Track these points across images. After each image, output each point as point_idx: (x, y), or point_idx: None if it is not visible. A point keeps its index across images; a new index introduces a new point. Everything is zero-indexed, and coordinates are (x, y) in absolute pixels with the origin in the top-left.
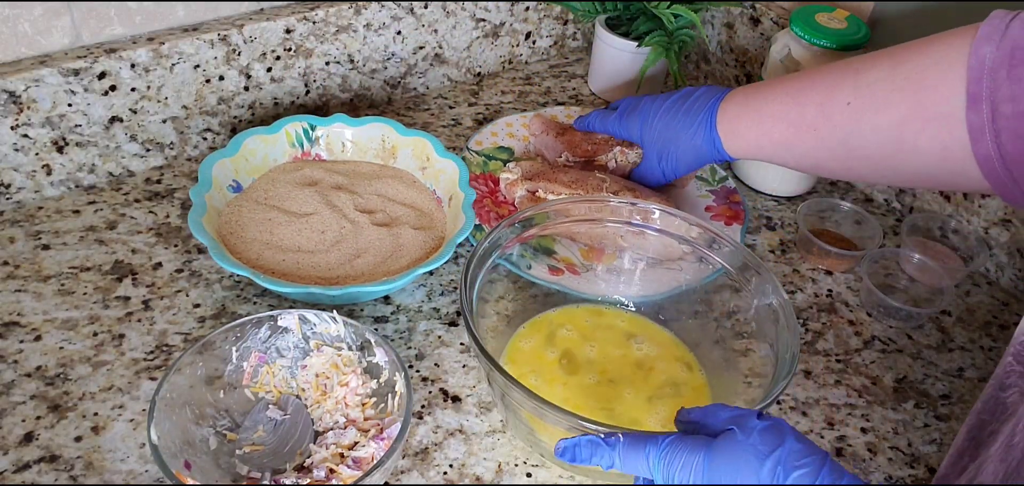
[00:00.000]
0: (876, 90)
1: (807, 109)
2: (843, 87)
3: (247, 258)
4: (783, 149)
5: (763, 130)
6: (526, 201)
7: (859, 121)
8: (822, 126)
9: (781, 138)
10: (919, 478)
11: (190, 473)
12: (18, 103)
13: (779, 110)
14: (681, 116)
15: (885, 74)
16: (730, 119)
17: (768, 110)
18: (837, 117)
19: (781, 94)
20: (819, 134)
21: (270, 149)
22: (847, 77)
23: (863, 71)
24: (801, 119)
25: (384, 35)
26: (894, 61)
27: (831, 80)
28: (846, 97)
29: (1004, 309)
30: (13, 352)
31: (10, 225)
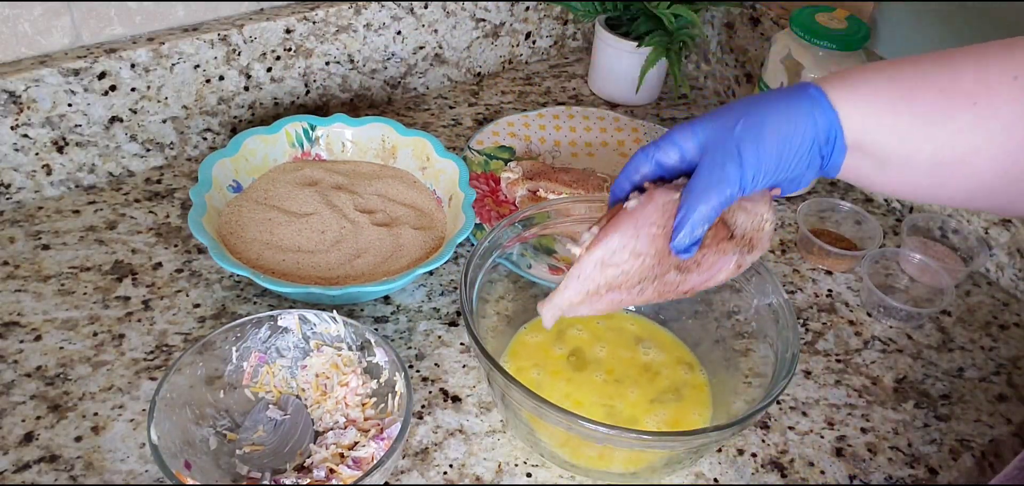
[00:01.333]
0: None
1: (962, 74)
2: (1000, 58)
3: (247, 258)
4: (926, 122)
5: (899, 93)
6: (527, 200)
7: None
8: (983, 98)
9: (925, 106)
10: (919, 478)
11: (190, 473)
12: (18, 103)
13: (919, 74)
14: (763, 96)
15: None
16: (845, 86)
17: (904, 75)
18: (1003, 89)
19: (914, 63)
20: (979, 108)
21: (270, 149)
22: (1000, 51)
23: (1018, 48)
24: (954, 84)
25: (384, 35)
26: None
27: (981, 53)
28: (1010, 69)
29: (1004, 309)
30: (13, 352)
31: (10, 225)
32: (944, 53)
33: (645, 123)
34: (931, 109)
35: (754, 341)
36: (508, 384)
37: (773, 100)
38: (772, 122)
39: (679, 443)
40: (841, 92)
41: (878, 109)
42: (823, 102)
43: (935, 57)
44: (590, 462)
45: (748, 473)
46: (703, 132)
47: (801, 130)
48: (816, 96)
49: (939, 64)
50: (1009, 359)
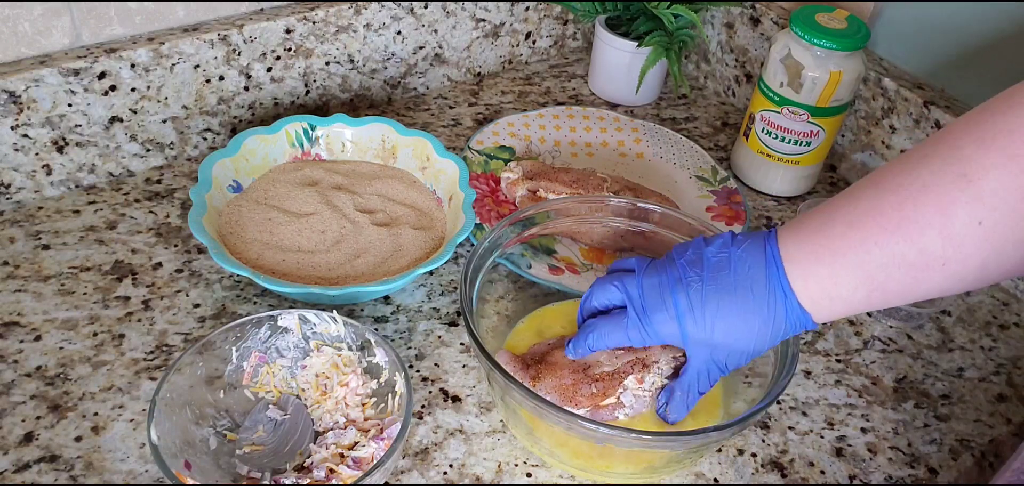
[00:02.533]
0: (1008, 200)
1: (928, 243)
2: (961, 203)
3: (247, 258)
4: (899, 298)
5: (873, 287)
6: (527, 200)
7: (1002, 242)
8: (952, 259)
9: (898, 289)
10: (919, 478)
11: (190, 473)
12: (18, 103)
13: (887, 257)
14: (740, 293)
15: (1012, 179)
16: (812, 275)
17: (873, 262)
18: (970, 242)
19: (878, 237)
20: (948, 268)
21: (270, 149)
22: (961, 190)
23: (977, 179)
24: (922, 257)
25: (384, 35)
26: (1009, 155)
27: (940, 201)
28: (974, 214)
29: (1004, 309)
30: (13, 352)
31: (10, 225)
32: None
33: (645, 123)
34: (903, 289)
35: None
36: (508, 384)
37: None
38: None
39: (679, 443)
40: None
41: (852, 306)
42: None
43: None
44: (590, 462)
45: (748, 473)
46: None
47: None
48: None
49: (905, 232)
50: (1009, 359)
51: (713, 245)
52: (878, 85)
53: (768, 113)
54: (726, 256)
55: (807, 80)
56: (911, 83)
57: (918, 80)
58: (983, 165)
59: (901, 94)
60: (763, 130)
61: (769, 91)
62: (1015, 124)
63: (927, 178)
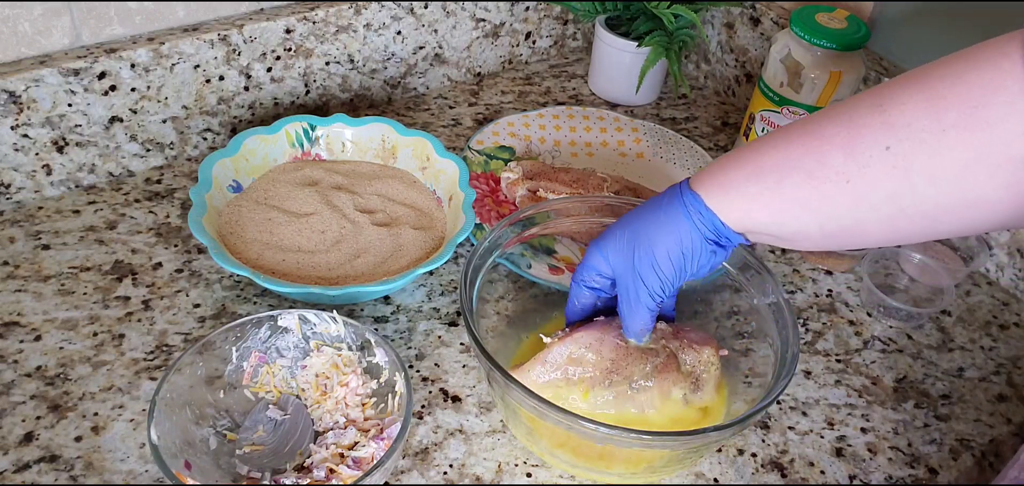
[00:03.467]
0: (920, 131)
1: (829, 155)
2: (871, 128)
3: (247, 258)
4: (801, 208)
5: (766, 185)
6: (527, 200)
7: (908, 169)
8: (855, 175)
9: (796, 194)
10: (919, 478)
11: (190, 473)
12: (18, 103)
13: (784, 161)
14: (646, 207)
15: (926, 112)
16: (712, 184)
17: (770, 162)
18: (876, 163)
19: (778, 145)
20: (853, 186)
21: (270, 149)
22: (872, 116)
23: (891, 109)
24: (822, 168)
25: (384, 35)
26: (930, 96)
27: (847, 123)
28: (881, 140)
29: (1004, 309)
30: (13, 352)
31: (10, 225)
32: (815, 124)
33: (645, 123)
34: (801, 193)
35: (754, 341)
36: (508, 384)
37: (658, 220)
38: (661, 244)
39: (679, 443)
40: (714, 194)
41: (750, 205)
42: (701, 207)
43: (805, 132)
44: (590, 462)
45: (748, 473)
46: (612, 258)
47: (689, 240)
48: (693, 203)
49: (807, 142)
50: (1009, 359)
51: None
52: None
53: (768, 113)
54: (648, 201)
55: (807, 80)
56: None
57: None
58: (899, 99)
59: None
60: (763, 130)
61: (769, 91)
62: (944, 71)
63: (842, 108)
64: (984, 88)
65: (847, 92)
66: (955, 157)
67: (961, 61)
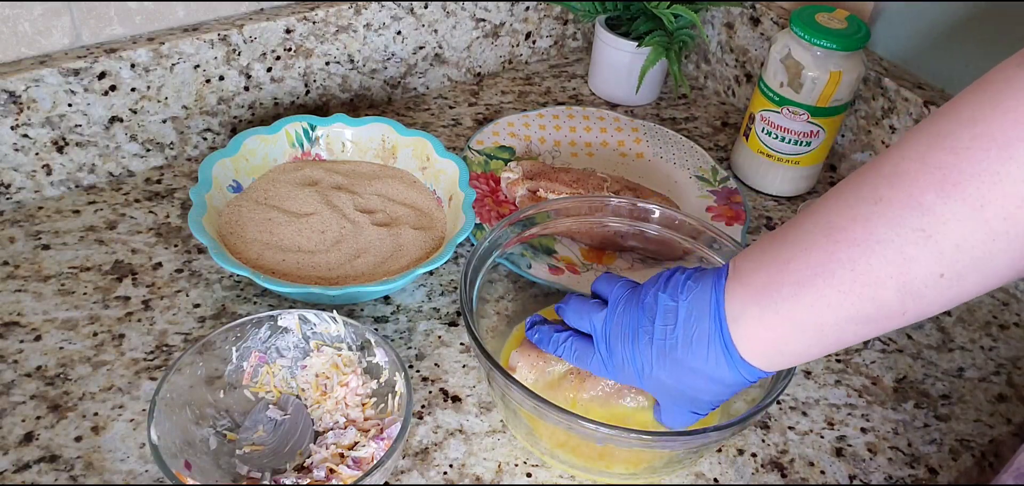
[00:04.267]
0: (972, 251)
1: (885, 299)
2: (921, 261)
3: (247, 258)
4: (856, 341)
5: (825, 346)
6: (527, 200)
7: (963, 283)
8: (911, 307)
9: (855, 338)
10: (919, 478)
11: (190, 473)
12: (18, 103)
13: (839, 313)
14: (683, 351)
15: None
16: (760, 344)
17: (820, 317)
18: (931, 292)
19: (825, 288)
20: (908, 316)
21: (270, 149)
22: (920, 244)
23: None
24: (880, 312)
25: (384, 35)
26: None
27: (899, 259)
28: (934, 269)
29: (1004, 309)
30: (13, 352)
31: (10, 225)
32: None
33: (645, 123)
34: (860, 335)
35: None
36: (508, 384)
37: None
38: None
39: (679, 443)
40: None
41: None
42: (750, 373)
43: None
44: (590, 462)
45: (748, 473)
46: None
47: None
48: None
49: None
50: (1009, 359)
51: (668, 290)
52: (878, 85)
53: (768, 113)
54: (674, 306)
55: (807, 80)
56: (911, 83)
57: (918, 80)
58: (943, 216)
59: (901, 94)
60: (763, 130)
61: (769, 91)
62: (977, 163)
63: (883, 234)
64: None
65: (847, 92)
66: (1009, 260)
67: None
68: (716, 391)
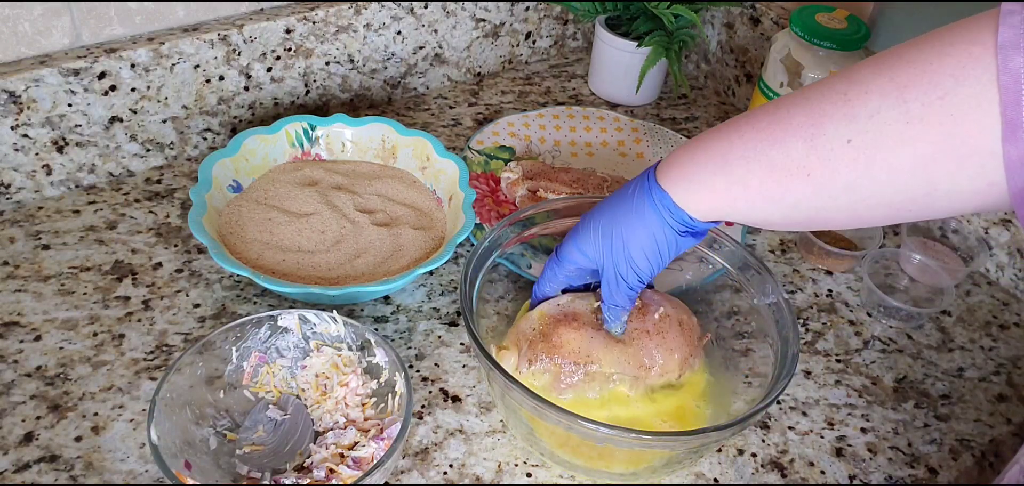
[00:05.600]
0: (883, 123)
1: (791, 147)
2: (834, 118)
3: (247, 258)
4: (765, 200)
5: (732, 179)
6: (527, 200)
7: (870, 162)
8: (817, 168)
9: (760, 186)
10: (919, 478)
11: (190, 473)
12: (18, 103)
13: (750, 151)
14: (617, 199)
15: (892, 103)
16: (679, 177)
17: (734, 154)
18: (837, 157)
19: (744, 133)
20: (814, 179)
21: (270, 149)
22: (835, 106)
23: (855, 98)
24: (785, 159)
25: (384, 35)
26: (897, 84)
27: (811, 111)
28: (843, 132)
29: (1004, 309)
30: (13, 352)
31: (10, 225)
32: (781, 111)
33: (645, 123)
34: (765, 187)
35: (754, 341)
36: (508, 384)
37: (629, 217)
38: (635, 242)
39: (679, 443)
40: (680, 187)
41: (716, 199)
42: (669, 204)
43: (771, 121)
44: (590, 462)
45: (748, 473)
46: (590, 252)
47: (660, 235)
48: (661, 200)
49: (772, 132)
50: (1009, 359)
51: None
52: None
53: None
54: (618, 190)
55: (807, 80)
56: None
57: None
58: (865, 85)
59: None
60: None
61: (769, 91)
62: (914, 55)
63: (809, 93)
64: (952, 77)
65: None
66: (918, 150)
67: (931, 46)
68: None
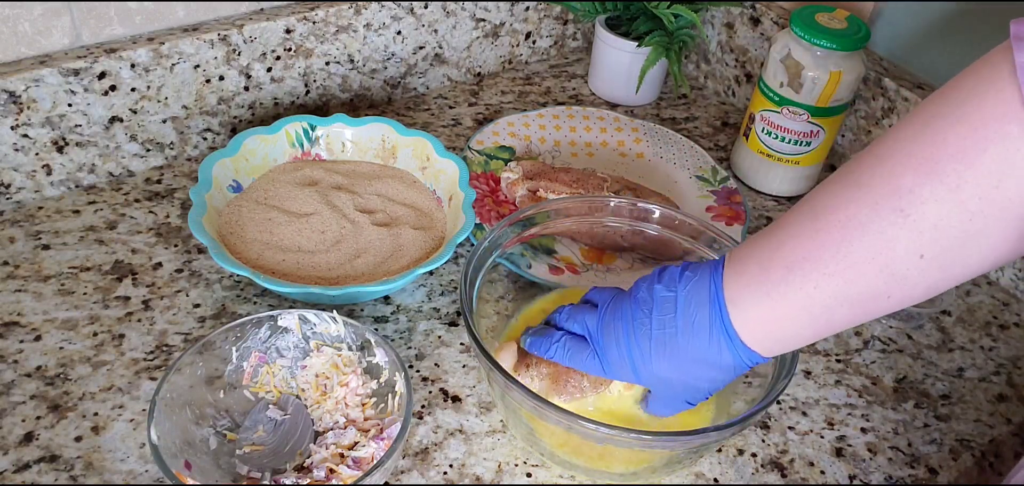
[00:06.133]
0: (948, 231)
1: (869, 280)
2: (901, 241)
3: (247, 258)
4: (845, 327)
5: (817, 330)
6: (527, 200)
7: (945, 267)
8: (896, 291)
9: (844, 321)
10: (919, 478)
11: (190, 473)
12: (18, 103)
13: (827, 294)
14: (684, 338)
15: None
16: (759, 324)
17: (809, 298)
18: (912, 276)
19: (812, 271)
20: (893, 300)
21: (270, 149)
22: (898, 225)
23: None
24: (866, 294)
25: (384, 35)
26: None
27: (876, 238)
28: (914, 247)
29: (1004, 309)
30: (13, 352)
31: (10, 225)
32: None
33: (645, 123)
34: (847, 320)
35: None
36: (508, 384)
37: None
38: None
39: (679, 443)
40: (759, 335)
41: (794, 340)
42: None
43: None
44: (590, 462)
45: (748, 473)
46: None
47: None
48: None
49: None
50: (1009, 359)
51: (663, 281)
52: (878, 85)
53: (768, 113)
54: (672, 296)
55: (807, 80)
56: (911, 83)
57: (918, 80)
58: (921, 197)
59: (901, 94)
60: (763, 130)
61: (769, 91)
62: (956, 146)
63: (865, 216)
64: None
65: (847, 92)
66: (983, 243)
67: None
68: (715, 377)
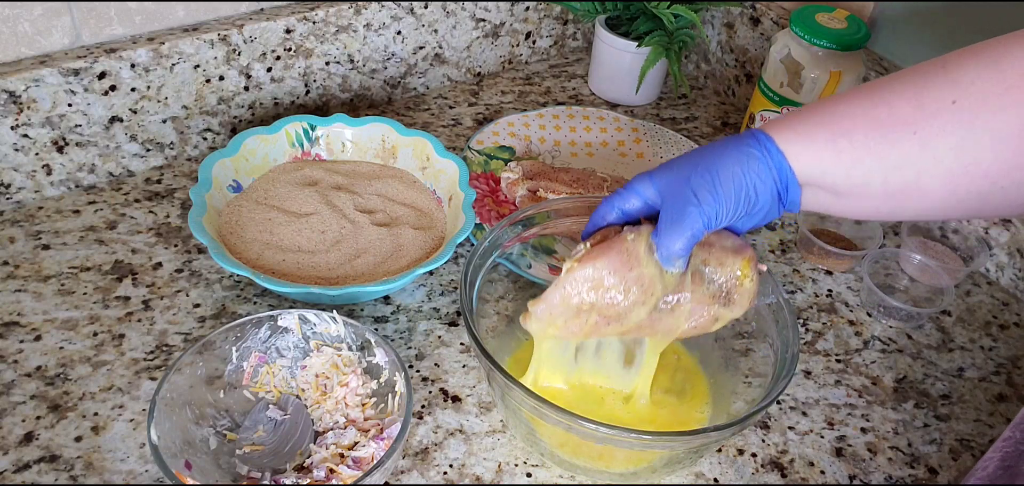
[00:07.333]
0: (984, 86)
1: (897, 107)
2: (937, 84)
3: (247, 258)
4: (869, 155)
5: (837, 131)
6: (527, 200)
7: (973, 122)
8: (923, 125)
9: (865, 140)
10: (919, 478)
11: (190, 473)
12: (18, 103)
13: (855, 110)
14: (712, 145)
15: (989, 75)
16: (783, 127)
17: (841, 112)
18: (943, 115)
19: (849, 98)
20: (920, 136)
21: (270, 149)
22: (937, 74)
23: (954, 69)
24: (892, 117)
25: (384, 35)
26: (991, 58)
27: (914, 80)
28: (947, 94)
29: (1004, 309)
30: (13, 352)
31: (10, 225)
32: (882, 83)
33: (645, 123)
34: (871, 141)
35: (754, 341)
36: (508, 384)
37: (725, 148)
38: (726, 170)
39: (679, 443)
40: (785, 135)
41: (820, 147)
42: (771, 146)
43: (873, 89)
44: (590, 462)
45: (748, 473)
46: (661, 180)
47: (754, 172)
48: (764, 141)
49: (876, 96)
50: (1009, 359)
51: None
52: None
53: (768, 113)
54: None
55: (807, 80)
56: None
57: None
58: (961, 61)
59: None
60: None
61: (769, 91)
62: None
63: (907, 71)
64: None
65: None
66: (1018, 114)
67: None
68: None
